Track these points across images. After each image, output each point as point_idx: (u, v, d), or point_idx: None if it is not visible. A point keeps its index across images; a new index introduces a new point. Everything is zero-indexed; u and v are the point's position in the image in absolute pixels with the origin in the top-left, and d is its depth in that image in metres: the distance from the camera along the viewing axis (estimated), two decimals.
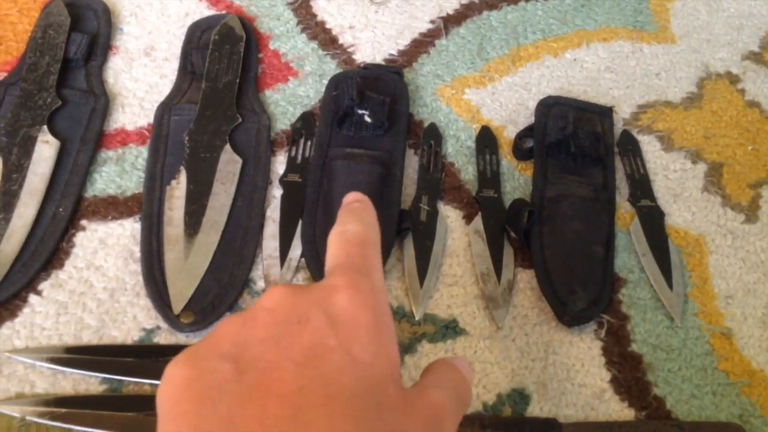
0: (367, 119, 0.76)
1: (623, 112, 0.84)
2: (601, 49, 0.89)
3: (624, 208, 0.76)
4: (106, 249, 0.69)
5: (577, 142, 0.76)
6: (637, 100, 0.85)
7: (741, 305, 0.71)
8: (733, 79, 0.88)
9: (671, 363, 0.67)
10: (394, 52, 0.86)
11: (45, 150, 0.71)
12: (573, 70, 0.87)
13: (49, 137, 0.72)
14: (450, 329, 0.67)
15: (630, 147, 0.80)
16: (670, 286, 0.71)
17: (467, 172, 0.77)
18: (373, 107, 0.76)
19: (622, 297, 0.71)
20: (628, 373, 0.66)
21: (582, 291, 0.68)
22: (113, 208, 0.71)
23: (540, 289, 0.69)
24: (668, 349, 0.68)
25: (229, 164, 0.73)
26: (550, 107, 0.81)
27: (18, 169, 0.70)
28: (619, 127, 0.82)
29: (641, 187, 0.77)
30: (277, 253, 0.70)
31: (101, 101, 0.77)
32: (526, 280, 0.71)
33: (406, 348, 0.66)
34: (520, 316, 0.69)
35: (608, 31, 0.91)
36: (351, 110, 0.75)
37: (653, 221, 0.75)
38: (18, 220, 0.67)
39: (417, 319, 0.67)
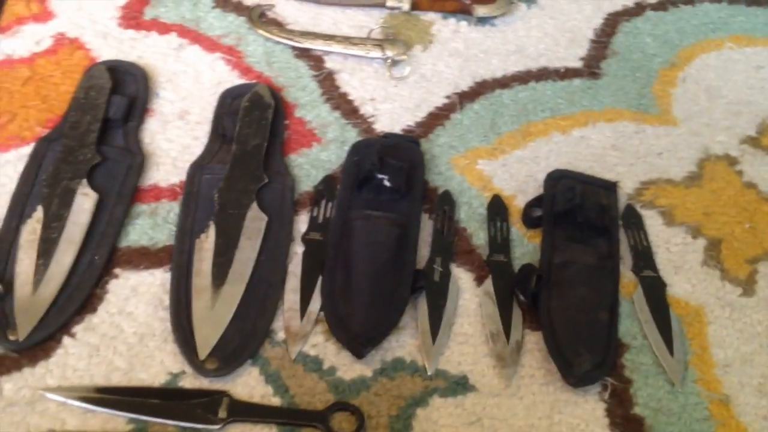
0: (387, 183, 0.80)
1: (627, 187, 0.88)
2: (606, 128, 0.94)
3: (627, 277, 0.80)
4: (137, 296, 0.73)
5: (583, 213, 0.81)
6: (640, 177, 0.89)
7: (738, 374, 0.74)
8: (731, 161, 0.93)
9: (671, 427, 0.70)
10: (412, 124, 0.91)
11: (84, 202, 0.76)
12: (580, 147, 0.92)
13: (89, 190, 0.77)
14: (460, 385, 0.70)
15: (633, 220, 0.84)
16: (671, 352, 0.74)
17: (479, 237, 0.82)
18: (392, 172, 0.81)
19: (625, 361, 0.74)
20: None
21: (587, 354, 0.72)
22: (145, 258, 0.75)
23: (547, 351, 0.73)
24: (669, 413, 0.71)
25: (255, 221, 0.77)
26: (558, 180, 0.85)
27: (57, 219, 0.74)
28: (623, 202, 0.86)
29: (644, 258, 0.81)
30: (298, 306, 0.73)
31: (137, 159, 0.82)
32: (533, 341, 0.74)
33: (418, 401, 0.69)
34: (527, 376, 0.72)
35: (613, 112, 0.96)
36: (372, 174, 0.80)
37: (655, 291, 0.79)
38: (56, 266, 0.71)
39: (429, 374, 0.71)
